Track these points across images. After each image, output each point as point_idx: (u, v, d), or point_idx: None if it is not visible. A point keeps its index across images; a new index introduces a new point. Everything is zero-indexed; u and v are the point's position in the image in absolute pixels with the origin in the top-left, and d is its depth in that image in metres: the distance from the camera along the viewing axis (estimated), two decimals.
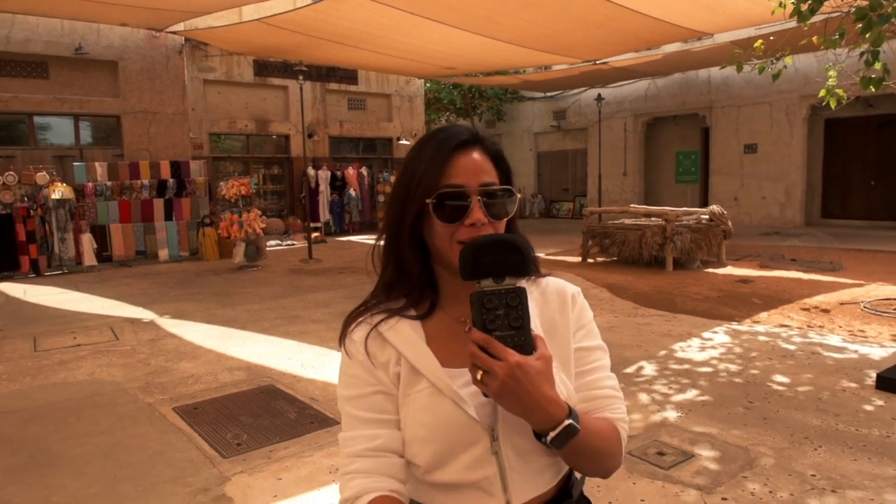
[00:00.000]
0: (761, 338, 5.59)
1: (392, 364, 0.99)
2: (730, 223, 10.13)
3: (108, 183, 11.49)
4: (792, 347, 5.25)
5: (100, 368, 5.07)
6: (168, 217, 12.03)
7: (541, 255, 11.40)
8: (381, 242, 1.07)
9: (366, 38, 11.02)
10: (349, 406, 1.00)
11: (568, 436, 0.87)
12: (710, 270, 9.43)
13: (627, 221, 11.08)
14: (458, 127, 1.03)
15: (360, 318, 1.03)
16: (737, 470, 3.07)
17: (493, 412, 0.95)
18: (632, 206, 12.44)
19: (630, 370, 4.71)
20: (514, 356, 0.83)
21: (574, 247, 11.55)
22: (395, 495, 0.94)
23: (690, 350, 5.24)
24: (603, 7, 8.83)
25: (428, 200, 0.96)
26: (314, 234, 13.18)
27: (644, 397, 4.12)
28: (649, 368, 4.75)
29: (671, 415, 3.81)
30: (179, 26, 11.95)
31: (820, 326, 5.98)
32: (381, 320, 1.01)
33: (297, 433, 3.68)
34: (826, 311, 6.63)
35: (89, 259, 10.83)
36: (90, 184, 11.31)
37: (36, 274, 10.41)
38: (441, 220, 0.96)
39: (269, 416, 3.96)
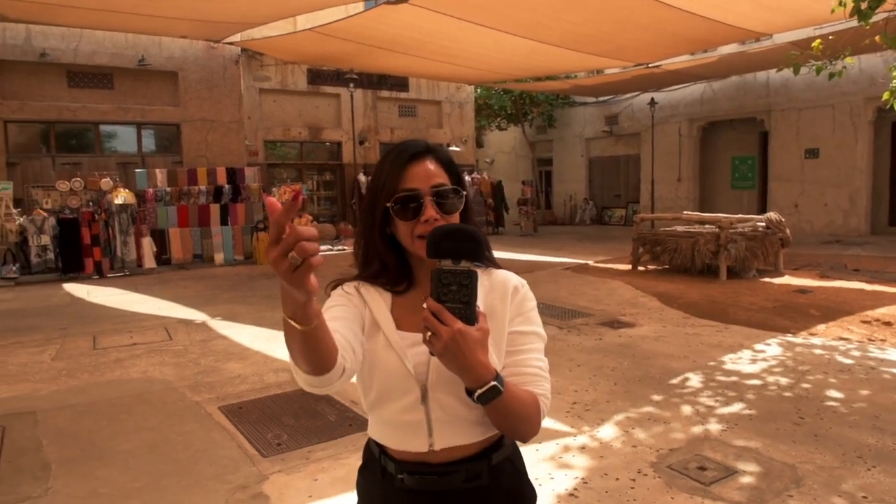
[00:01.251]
0: (817, 351, 5.37)
1: (364, 312, 1.21)
2: (788, 231, 9.76)
3: (168, 189, 11.94)
4: (849, 362, 5.01)
5: (153, 367, 5.27)
6: (224, 222, 12.41)
7: (589, 262, 11.26)
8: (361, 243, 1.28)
9: (415, 44, 11.14)
10: (327, 307, 1.20)
11: (492, 395, 1.04)
12: (767, 280, 9.10)
13: (680, 228, 10.81)
14: (414, 141, 1.24)
15: (348, 280, 1.27)
16: (782, 488, 2.95)
17: (426, 372, 1.15)
18: (685, 212, 12.15)
19: (675, 381, 4.59)
20: (457, 324, 0.99)
21: (625, 254, 11.34)
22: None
23: (740, 362, 5.07)
24: (653, 8, 8.68)
25: (388, 204, 1.18)
26: None
27: (687, 409, 4.01)
28: (695, 380, 4.62)
29: (715, 428, 3.69)
30: (236, 37, 12.35)
31: (881, 340, 5.70)
32: (362, 283, 1.25)
33: (335, 435, 3.73)
34: (889, 324, 6.30)
35: (149, 262, 11.27)
36: (151, 189, 11.78)
37: (99, 275, 10.89)
38: (400, 219, 1.17)
39: (309, 418, 4.03)
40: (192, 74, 13.07)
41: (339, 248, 14.56)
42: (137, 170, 12.16)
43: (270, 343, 6.01)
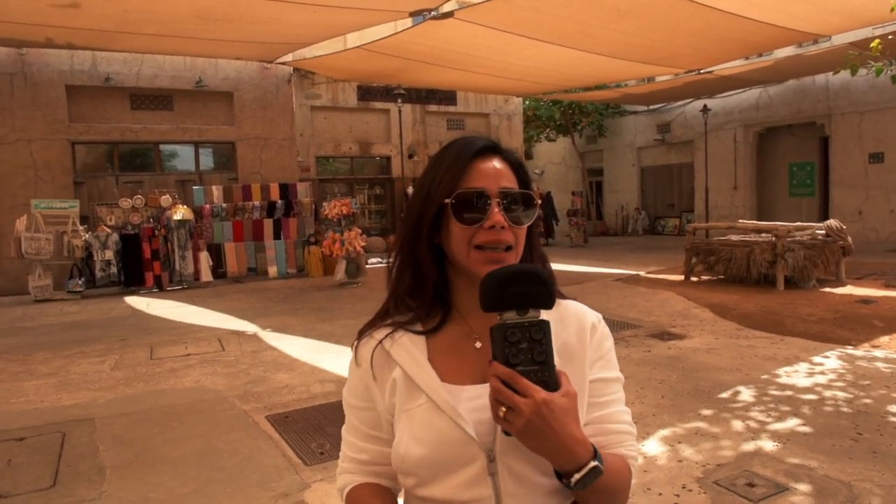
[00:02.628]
0: (879, 364, 5.11)
1: (392, 378, 0.99)
2: (849, 239, 9.35)
3: (224, 205, 12.35)
4: None
5: (205, 377, 5.43)
6: (277, 236, 12.74)
7: (640, 272, 11.05)
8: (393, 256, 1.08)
9: (462, 58, 11.23)
10: (349, 412, 1.06)
11: (592, 478, 0.84)
12: (827, 290, 8.73)
13: (734, 238, 10.49)
14: (477, 136, 1.04)
15: (369, 331, 1.05)
16: None
17: (491, 431, 0.92)
18: (740, 221, 11.79)
19: (725, 395, 4.45)
20: (539, 393, 0.81)
21: (677, 264, 11.08)
22: (380, 482, 1.02)
23: (796, 375, 4.87)
24: (705, 14, 8.51)
25: (447, 200, 0.97)
26: None
27: (738, 424, 3.88)
28: (746, 394, 4.46)
29: (766, 444, 3.56)
30: (288, 57, 12.71)
31: None
32: (387, 335, 1.01)
33: None
34: None
35: (206, 275, 11.65)
36: (207, 206, 12.21)
37: (159, 289, 11.32)
38: (459, 221, 0.96)
39: None
40: (246, 94, 13.51)
41: (389, 260, 14.70)
42: (195, 187, 12.63)
43: (318, 354, 6.12)
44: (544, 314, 0.86)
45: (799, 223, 10.37)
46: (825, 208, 15.39)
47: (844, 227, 9.47)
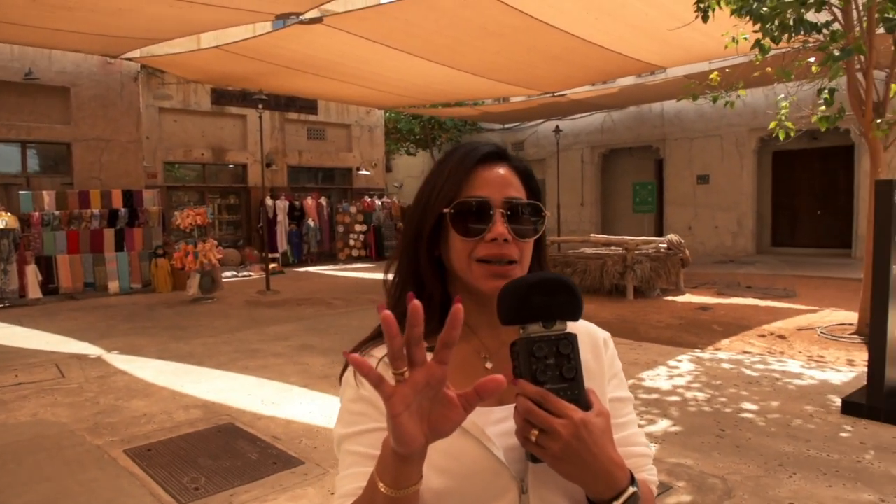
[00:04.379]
0: (725, 365, 5.63)
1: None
2: (687, 252, 10.32)
3: (56, 212, 11.06)
4: (755, 374, 5.29)
5: (44, 408, 4.76)
6: (119, 248, 11.62)
7: None
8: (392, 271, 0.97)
9: (327, 66, 10.99)
10: (348, 443, 0.87)
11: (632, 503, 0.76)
12: (670, 298, 9.55)
13: (588, 251, 11.18)
14: (483, 142, 0.96)
15: (363, 350, 0.91)
16: (716, 500, 3.02)
17: (522, 458, 0.82)
18: (592, 235, 12.59)
19: None
20: (577, 412, 0.73)
21: None
22: None
23: (658, 379, 5.23)
24: (563, 39, 9.02)
25: (445, 210, 0.88)
26: (272, 265, 12.91)
27: None
28: None
29: None
30: (135, 53, 11.72)
31: (780, 353, 6.07)
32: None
33: (259, 475, 3.49)
34: (783, 337, 6.74)
35: (34, 291, 10.34)
36: (37, 213, 10.86)
37: None
38: (460, 233, 0.87)
39: (228, 458, 3.75)
40: (85, 91, 12.23)
41: (245, 274, 14.00)
42: (21, 192, 11.19)
43: (177, 377, 5.61)
44: (570, 327, 0.78)
45: (644, 237, 11.26)
46: (661, 224, 16.90)
47: (683, 241, 10.43)
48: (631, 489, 0.77)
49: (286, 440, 4.02)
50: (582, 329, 0.95)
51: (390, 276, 0.97)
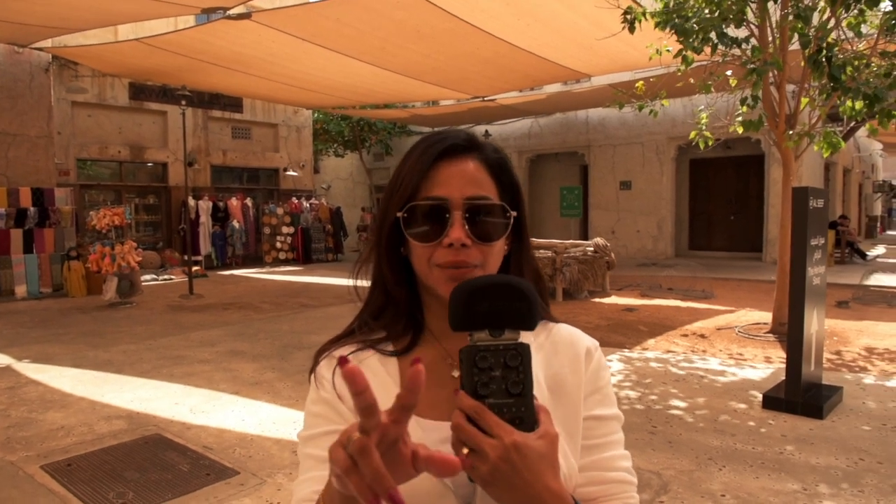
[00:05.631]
0: (652, 364, 5.84)
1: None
2: (613, 255, 10.66)
3: None
4: (682, 372, 5.51)
5: None
6: (28, 249, 10.88)
7: None
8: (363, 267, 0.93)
9: (254, 63, 10.69)
10: (308, 447, 0.83)
11: None
12: (597, 300, 9.83)
13: None
14: (456, 131, 0.88)
15: (329, 351, 0.88)
16: (653, 495, 3.12)
17: (470, 483, 0.74)
18: None
19: None
20: (510, 434, 0.65)
21: None
22: None
23: None
24: (494, 44, 9.14)
25: (398, 214, 0.82)
26: (195, 268, 12.43)
27: None
28: None
29: None
30: (47, 42, 11.02)
31: (703, 351, 6.35)
32: (351, 353, 0.84)
33: (191, 487, 3.33)
34: (703, 336, 7.07)
35: None
36: None
37: None
38: (414, 238, 0.82)
39: (157, 470, 3.56)
40: None
41: (165, 277, 13.42)
42: None
43: (97, 387, 5.29)
44: (525, 336, 0.71)
45: (573, 241, 11.55)
46: (586, 228, 17.40)
47: (609, 244, 10.77)
48: None
49: (218, 450, 3.87)
50: (564, 337, 0.91)
51: (361, 283, 0.93)
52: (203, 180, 16.16)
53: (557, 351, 0.89)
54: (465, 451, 0.66)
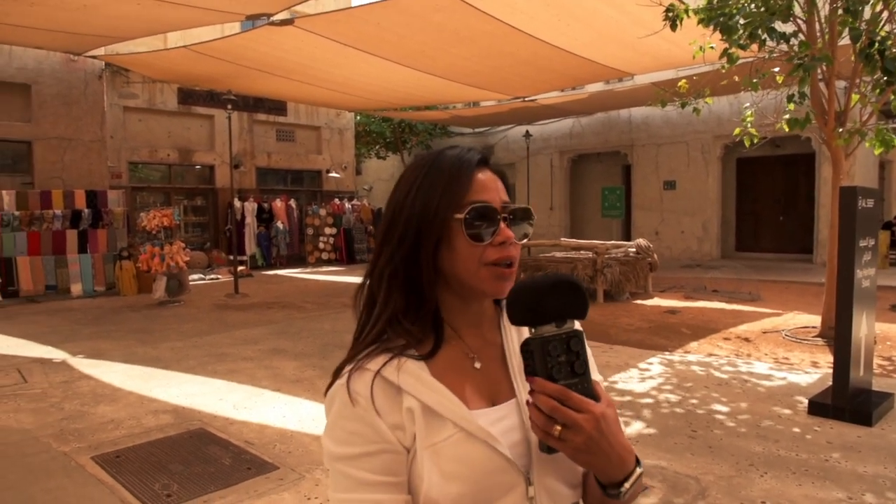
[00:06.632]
0: (694, 367, 5.73)
1: (407, 409, 0.85)
2: (655, 256, 10.48)
3: (16, 212, 10.74)
4: (724, 376, 5.39)
5: (5, 415, 4.61)
6: (82, 249, 11.33)
7: None
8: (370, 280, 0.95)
9: (297, 68, 10.89)
10: (347, 465, 0.85)
11: (639, 484, 0.85)
12: (639, 302, 9.68)
13: (558, 255, 11.28)
14: (464, 146, 0.98)
15: (357, 363, 0.88)
16: (691, 500, 3.07)
17: (526, 453, 0.88)
18: (562, 239, 12.70)
19: None
20: (596, 406, 0.78)
21: None
22: None
23: (631, 381, 5.29)
24: (534, 45, 9.09)
25: (458, 215, 0.88)
26: (240, 268, 12.72)
27: None
28: None
29: None
30: (100, 51, 11.46)
31: (747, 355, 6.20)
32: (385, 363, 0.86)
33: (232, 481, 3.43)
34: (748, 339, 6.89)
35: None
36: None
37: None
38: (472, 238, 0.89)
39: (200, 463, 3.68)
40: (47, 88, 11.90)
41: (212, 277, 13.77)
42: None
43: (145, 382, 5.49)
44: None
45: (614, 241, 11.41)
46: (629, 229, 17.15)
47: (651, 245, 10.60)
48: (638, 470, 0.84)
49: (259, 445, 3.96)
50: None
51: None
52: (248, 182, 16.53)
53: None
54: (558, 428, 0.77)
